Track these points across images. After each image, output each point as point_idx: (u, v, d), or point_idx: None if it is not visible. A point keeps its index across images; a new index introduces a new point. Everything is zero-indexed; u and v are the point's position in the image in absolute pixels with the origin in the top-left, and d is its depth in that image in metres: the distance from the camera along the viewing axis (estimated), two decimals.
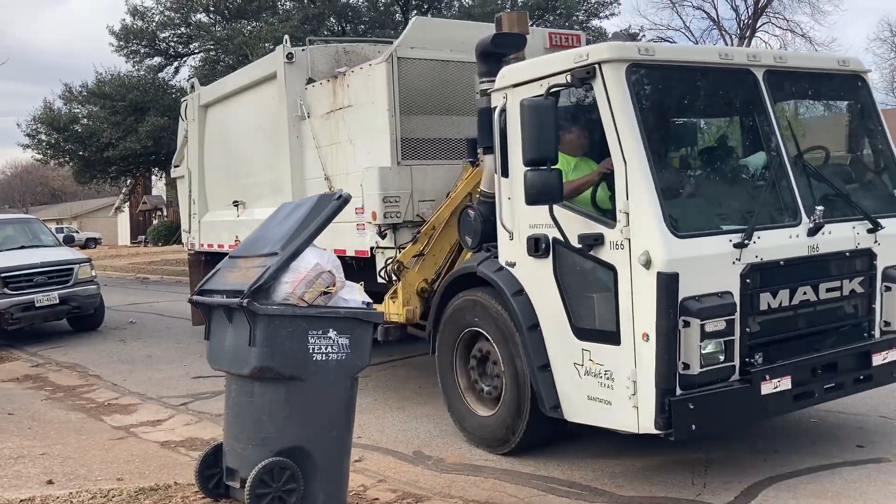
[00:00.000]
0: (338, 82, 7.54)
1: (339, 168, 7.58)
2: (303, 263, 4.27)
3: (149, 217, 53.52)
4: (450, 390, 6.05)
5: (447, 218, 6.49)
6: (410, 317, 6.58)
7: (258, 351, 4.13)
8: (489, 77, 5.76)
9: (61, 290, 12.39)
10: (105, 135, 24.82)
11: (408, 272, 6.60)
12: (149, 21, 25.43)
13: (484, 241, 5.81)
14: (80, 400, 8.29)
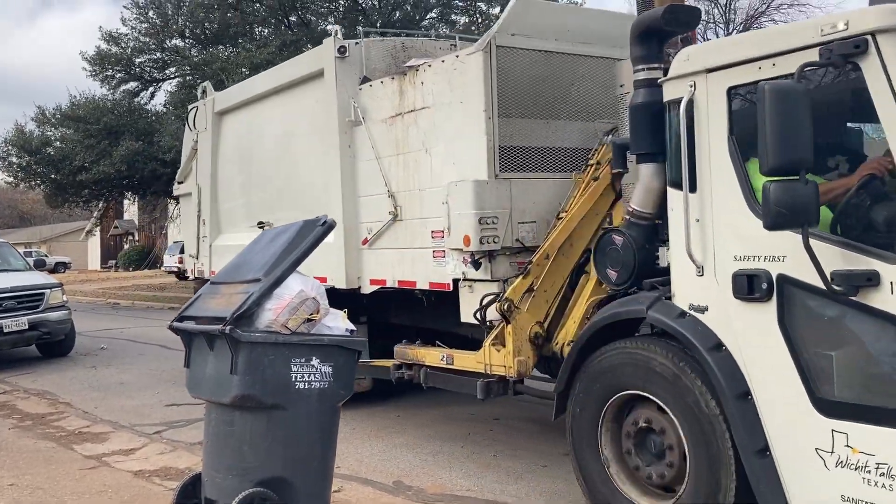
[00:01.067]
0: (407, 80, 6.54)
1: (409, 183, 6.58)
2: (286, 290, 4.25)
3: (120, 241, 53.05)
4: (590, 469, 4.76)
5: (560, 244, 5.58)
6: (522, 370, 5.48)
7: (240, 379, 4.13)
8: (649, 63, 4.80)
9: (31, 316, 12.35)
10: (78, 158, 24.74)
11: (519, 313, 5.50)
12: (124, 47, 25.36)
13: (638, 275, 4.81)
14: (49, 428, 8.15)
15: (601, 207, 5.61)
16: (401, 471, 6.15)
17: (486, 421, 7.48)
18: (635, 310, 4.55)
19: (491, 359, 5.60)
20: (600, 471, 4.66)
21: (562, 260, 5.57)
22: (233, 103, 9.33)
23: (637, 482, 4.57)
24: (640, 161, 4.82)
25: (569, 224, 5.50)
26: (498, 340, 5.58)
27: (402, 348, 6.72)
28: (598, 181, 5.53)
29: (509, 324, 5.45)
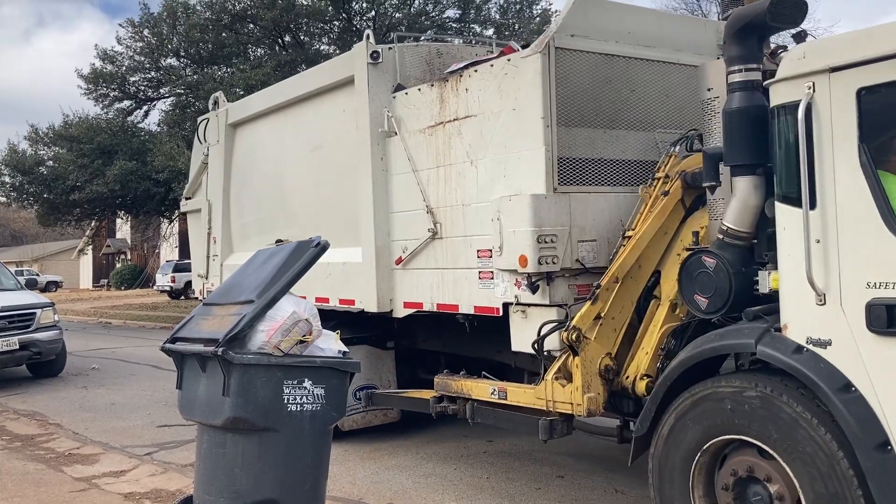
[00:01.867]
0: (448, 86, 6.01)
1: (451, 197, 6.01)
2: (279, 312, 4.23)
3: (112, 260, 52.84)
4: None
5: (630, 266, 4.99)
6: (593, 407, 4.82)
7: (232, 401, 4.07)
8: (747, 63, 4.28)
9: (22, 336, 12.15)
10: (71, 177, 24.62)
11: (588, 343, 4.88)
12: (119, 65, 25.40)
13: (734, 304, 4.24)
14: (39, 450, 8.04)
15: (670, 226, 5.04)
16: (393, 493, 6.02)
17: (480, 443, 7.33)
18: (740, 343, 3.98)
19: (554, 394, 4.96)
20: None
21: (630, 284, 4.98)
22: (249, 114, 8.76)
23: None
24: (736, 174, 4.28)
25: (638, 244, 4.93)
26: (561, 374, 4.96)
27: (444, 379, 6.04)
28: (669, 196, 4.96)
29: (577, 355, 4.83)
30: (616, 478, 6.14)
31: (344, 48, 22.27)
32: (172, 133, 24.50)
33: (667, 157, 5.19)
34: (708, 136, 4.84)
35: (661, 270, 5.02)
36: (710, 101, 4.81)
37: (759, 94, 4.16)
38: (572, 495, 5.80)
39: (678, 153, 5.16)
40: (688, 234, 4.95)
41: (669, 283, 4.90)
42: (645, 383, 4.74)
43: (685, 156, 5.14)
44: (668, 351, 4.73)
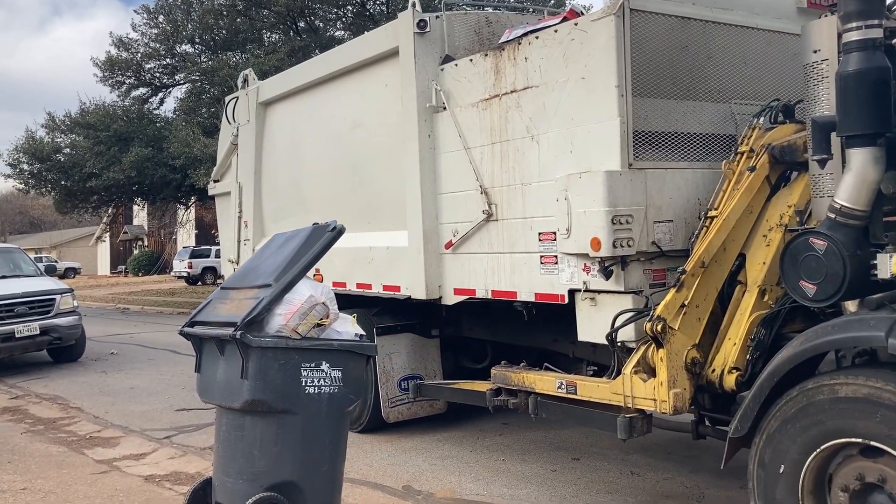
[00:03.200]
0: (504, 56, 5.53)
1: (508, 176, 5.54)
2: (296, 295, 4.23)
3: (129, 247, 53.16)
4: None
5: (715, 250, 4.51)
6: (680, 404, 4.35)
7: (250, 384, 4.05)
8: (867, 19, 3.74)
9: (42, 321, 12.24)
10: (88, 165, 24.69)
11: (673, 335, 4.41)
12: (134, 52, 25.46)
13: (847, 290, 3.81)
14: (61, 433, 8.13)
15: (756, 205, 4.57)
16: (410, 475, 6.01)
17: (496, 426, 7.26)
18: (866, 337, 3.51)
19: (634, 390, 4.49)
20: None
21: (715, 269, 4.50)
22: (281, 92, 8.22)
23: None
24: (852, 145, 3.79)
25: (724, 225, 4.46)
26: (640, 367, 4.49)
27: (502, 371, 5.60)
28: (755, 172, 4.50)
29: (662, 347, 4.35)
30: (632, 460, 6.14)
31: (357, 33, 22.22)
32: (188, 120, 24.55)
33: (749, 130, 4.75)
34: (813, 105, 4.26)
35: (746, 254, 4.58)
36: (817, 64, 4.23)
37: (880, 54, 3.68)
38: (588, 477, 5.80)
39: (762, 125, 4.72)
40: (774, 213, 4.54)
41: (755, 267, 4.50)
42: (734, 377, 4.29)
43: (769, 128, 4.71)
44: (759, 342, 4.33)
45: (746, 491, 4.58)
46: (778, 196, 4.61)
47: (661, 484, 5.54)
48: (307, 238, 4.54)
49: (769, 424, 3.74)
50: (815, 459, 3.58)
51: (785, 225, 4.47)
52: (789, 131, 4.67)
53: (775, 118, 4.78)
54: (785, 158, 4.53)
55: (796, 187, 4.58)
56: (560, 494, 5.44)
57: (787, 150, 4.51)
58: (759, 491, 3.79)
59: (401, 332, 6.83)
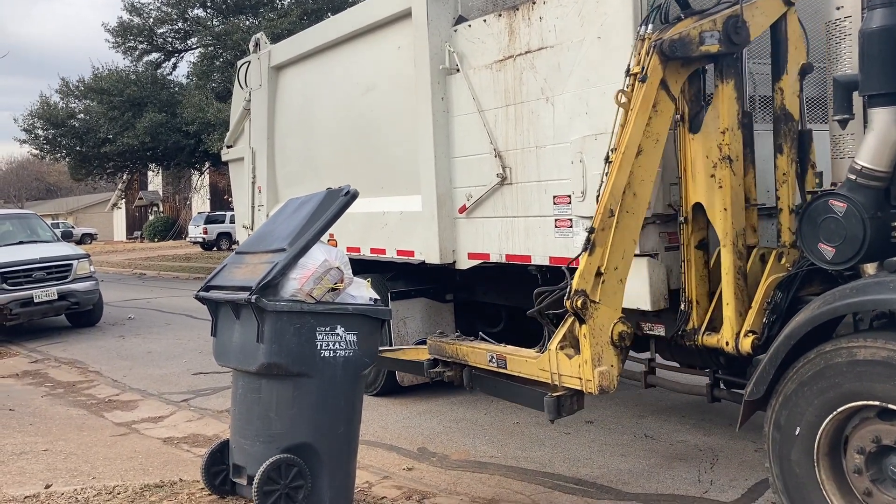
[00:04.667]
0: (518, 15, 5.43)
1: (522, 139, 5.44)
2: (311, 260, 4.24)
3: (145, 212, 53.45)
4: (800, 494, 3.70)
5: (622, 195, 4.12)
6: (606, 384, 4.13)
7: (266, 347, 4.10)
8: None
9: (60, 286, 12.38)
10: (102, 130, 24.75)
11: (596, 308, 4.12)
12: (146, 17, 25.34)
13: (867, 253, 3.71)
14: (80, 396, 8.25)
15: (660, 128, 4.15)
16: (425, 437, 6.05)
17: None
18: (887, 300, 3.41)
19: (560, 367, 4.27)
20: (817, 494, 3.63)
21: (628, 221, 4.14)
22: (294, 55, 8.10)
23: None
24: (875, 104, 3.67)
25: (626, 159, 4.06)
26: (567, 342, 4.27)
27: (437, 341, 5.41)
28: (647, 82, 4.06)
29: (584, 324, 4.09)
30: (646, 423, 6.15)
31: None
32: (201, 85, 24.50)
33: (639, 43, 4.26)
34: (835, 63, 4.13)
35: (703, 203, 4.29)
36: (839, 21, 4.11)
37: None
38: (602, 440, 5.82)
39: (651, 32, 4.22)
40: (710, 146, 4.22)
41: (717, 215, 4.24)
42: (750, 340, 4.19)
43: (662, 30, 4.19)
44: (775, 305, 4.23)
45: (761, 453, 4.57)
46: (705, 124, 4.28)
47: (674, 446, 5.56)
48: (321, 203, 4.54)
49: (786, 387, 3.70)
50: (831, 422, 3.55)
51: (728, 157, 4.22)
52: (688, 26, 4.16)
53: (666, 16, 4.27)
54: (677, 54, 4.06)
55: (720, 104, 4.24)
56: (573, 456, 5.47)
57: (679, 43, 4.05)
58: (775, 453, 3.77)
59: (415, 297, 6.81)
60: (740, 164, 4.29)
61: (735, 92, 4.25)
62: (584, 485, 4.98)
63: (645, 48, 4.16)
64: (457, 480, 5.16)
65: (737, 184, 4.26)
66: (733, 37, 4.12)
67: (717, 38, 4.10)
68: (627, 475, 5.09)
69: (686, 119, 4.36)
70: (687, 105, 4.35)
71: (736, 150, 4.26)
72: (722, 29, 4.11)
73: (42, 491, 5.08)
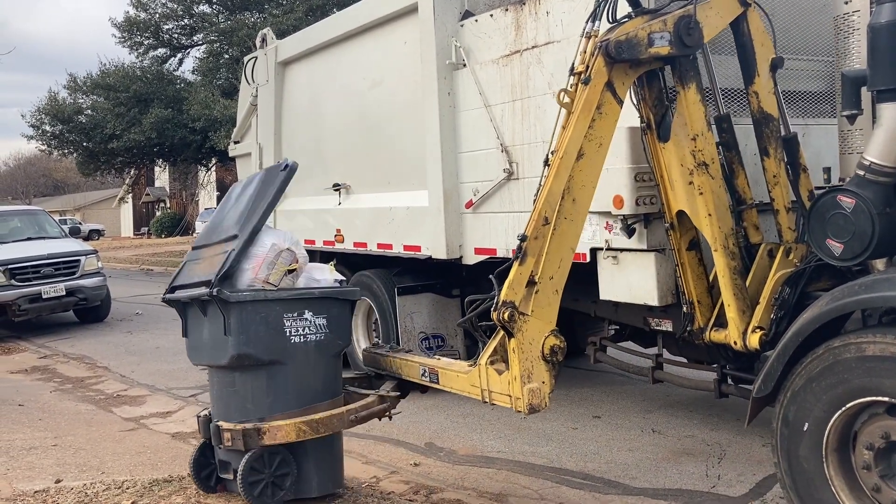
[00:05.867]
0: (525, 10, 5.41)
1: (529, 134, 5.41)
2: (259, 248, 4.23)
3: (152, 208, 53.54)
4: (809, 489, 3.66)
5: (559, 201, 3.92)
6: (536, 402, 3.94)
7: (234, 339, 4.09)
8: None
9: (68, 282, 12.42)
10: (109, 126, 24.79)
11: (525, 320, 3.90)
12: (152, 13, 25.37)
13: (876, 249, 3.67)
14: (89, 391, 8.28)
15: (603, 132, 3.96)
16: (432, 433, 6.04)
17: None
18: (895, 296, 3.39)
19: (490, 383, 4.10)
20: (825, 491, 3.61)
21: (566, 228, 3.96)
22: (300, 51, 8.12)
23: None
24: (884, 99, 3.60)
25: (564, 164, 3.86)
26: (497, 355, 4.06)
27: (371, 353, 5.12)
28: (590, 84, 3.87)
29: (513, 337, 3.88)
30: (653, 418, 6.14)
31: None
32: (206, 81, 24.53)
33: (584, 40, 4.09)
34: (844, 58, 4.08)
35: (686, 210, 4.25)
36: (848, 15, 4.06)
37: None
38: (609, 435, 5.81)
39: (597, 30, 4.06)
40: (683, 153, 4.14)
41: (703, 221, 4.19)
42: (758, 336, 4.17)
43: (610, 30, 4.03)
44: (783, 301, 4.21)
45: (768, 448, 4.57)
46: (674, 132, 4.19)
47: (682, 441, 5.55)
48: (262, 182, 4.51)
49: (794, 383, 3.68)
50: (840, 418, 3.54)
51: (703, 163, 4.13)
52: (637, 26, 3.97)
53: (614, 14, 4.06)
54: (623, 56, 3.90)
55: (685, 110, 4.13)
56: (581, 452, 5.47)
57: (626, 45, 3.89)
58: (783, 448, 3.76)
59: (421, 292, 6.78)
60: (717, 166, 4.22)
61: (698, 94, 4.13)
62: (591, 479, 4.97)
63: (590, 47, 4.01)
64: (464, 475, 5.16)
65: (717, 186, 4.20)
66: (685, 38, 3.97)
67: (667, 39, 3.94)
68: (635, 470, 5.08)
69: (653, 127, 4.27)
70: (650, 110, 4.26)
71: (710, 154, 4.16)
72: (673, 30, 3.95)
73: (52, 486, 5.11)
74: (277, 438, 4.07)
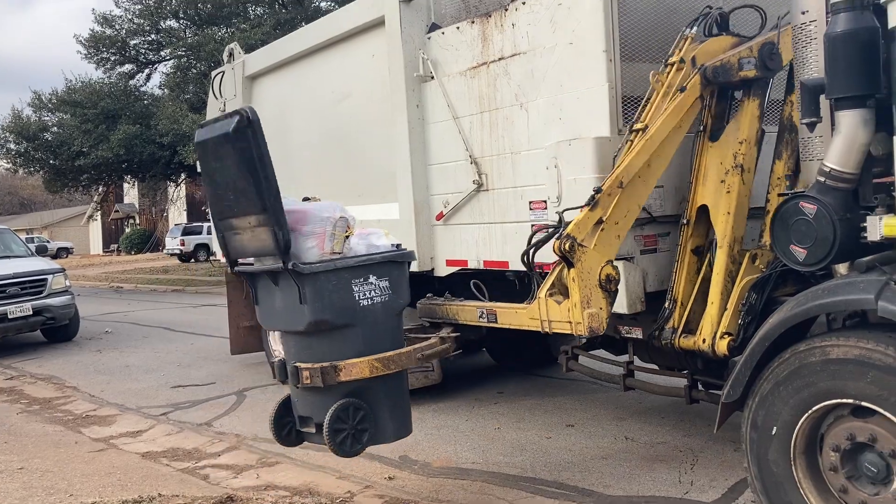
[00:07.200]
0: (492, 23, 5.46)
1: (498, 145, 5.49)
2: (317, 225, 4.45)
3: (121, 225, 52.93)
4: (778, 493, 3.72)
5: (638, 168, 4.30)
6: (595, 325, 4.17)
7: (310, 307, 4.33)
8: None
9: (35, 301, 12.21)
10: (76, 143, 24.50)
11: (584, 252, 4.18)
12: (118, 28, 25.16)
13: (838, 254, 3.75)
14: (57, 412, 8.12)
15: (686, 121, 4.46)
16: (406, 446, 5.86)
17: (490, 394, 7.27)
18: (856, 300, 3.46)
19: (549, 313, 4.33)
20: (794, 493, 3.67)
21: (638, 185, 4.32)
22: (268, 65, 8.12)
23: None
24: (841, 107, 3.67)
25: (650, 143, 4.27)
26: (556, 289, 4.32)
27: (427, 303, 5.42)
28: (686, 93, 4.37)
29: (573, 267, 4.14)
30: (625, 426, 6.16)
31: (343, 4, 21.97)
32: (175, 96, 24.35)
33: (681, 40, 4.59)
34: (801, 67, 4.21)
35: (708, 205, 4.49)
36: (805, 25, 4.16)
37: (868, 15, 3.62)
38: (582, 444, 5.82)
39: (694, 35, 4.57)
40: (727, 154, 4.49)
41: (720, 218, 4.44)
42: (726, 342, 4.27)
43: (702, 40, 4.56)
44: (750, 306, 4.30)
45: (740, 453, 4.60)
46: (726, 133, 4.57)
47: (655, 448, 5.58)
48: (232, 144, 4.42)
49: (762, 387, 3.74)
50: (806, 420, 3.60)
51: (741, 166, 4.48)
52: (724, 45, 4.58)
53: (710, 29, 4.66)
54: (718, 79, 4.47)
55: (742, 119, 4.53)
56: (555, 461, 5.47)
57: (721, 70, 4.47)
58: (752, 452, 3.81)
59: None
60: (751, 175, 4.51)
61: (758, 111, 4.51)
62: (566, 489, 4.98)
63: (687, 46, 4.56)
64: (439, 488, 5.14)
65: (744, 193, 4.46)
66: (768, 62, 4.48)
67: (753, 64, 4.46)
68: (609, 478, 5.09)
69: (707, 129, 4.65)
70: (711, 119, 4.64)
71: (749, 162, 4.49)
72: (758, 56, 4.47)
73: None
74: (353, 374, 4.34)
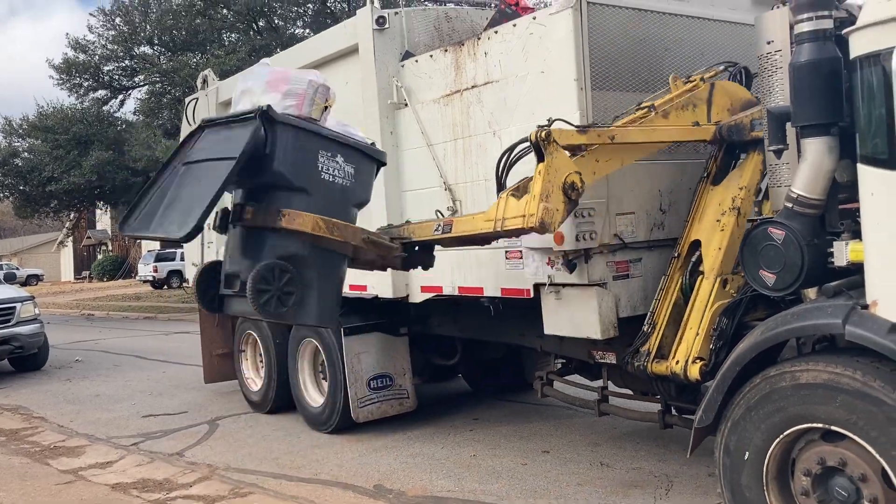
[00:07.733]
0: (464, 51, 5.52)
1: (472, 172, 5.54)
2: (297, 85, 4.45)
3: (93, 252, 52.30)
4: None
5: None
6: (548, 220, 4.13)
7: (273, 156, 4.34)
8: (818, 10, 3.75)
9: (2, 330, 12.03)
10: (47, 169, 24.21)
11: (557, 153, 4.21)
12: (91, 54, 25.02)
13: (806, 279, 3.80)
14: (24, 444, 7.96)
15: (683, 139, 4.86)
16: (381, 474, 5.93)
17: (466, 421, 7.24)
18: (824, 324, 3.51)
19: (506, 210, 4.32)
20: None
21: (625, 151, 4.55)
22: None
23: None
24: (807, 135, 3.75)
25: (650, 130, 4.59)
26: (518, 191, 4.36)
27: (388, 228, 5.48)
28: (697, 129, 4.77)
29: (542, 161, 4.17)
30: (601, 451, 6.16)
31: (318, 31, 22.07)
32: (148, 122, 24.21)
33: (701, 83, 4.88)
34: (767, 95, 4.29)
35: (701, 240, 4.61)
36: (770, 55, 4.24)
37: (831, 45, 3.70)
38: (558, 469, 5.81)
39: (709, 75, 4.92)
40: (726, 197, 4.61)
41: (711, 253, 4.53)
42: (698, 367, 4.30)
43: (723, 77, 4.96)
44: (721, 331, 4.33)
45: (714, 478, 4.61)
46: (728, 178, 4.70)
47: (630, 474, 5.58)
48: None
49: (734, 412, 3.77)
50: (778, 445, 3.63)
51: (738, 208, 4.56)
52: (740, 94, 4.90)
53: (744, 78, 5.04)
54: (732, 137, 4.71)
55: (746, 168, 4.65)
56: (531, 487, 5.45)
57: (735, 129, 4.71)
58: (726, 478, 3.84)
59: (369, 332, 6.76)
60: (745, 220, 4.57)
61: (762, 165, 4.57)
62: None
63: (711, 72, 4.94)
64: None
65: (737, 234, 4.49)
66: None
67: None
68: (584, 503, 5.08)
69: (711, 176, 4.82)
70: (716, 169, 4.83)
71: (746, 207, 4.57)
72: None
73: None
74: (295, 223, 4.34)
